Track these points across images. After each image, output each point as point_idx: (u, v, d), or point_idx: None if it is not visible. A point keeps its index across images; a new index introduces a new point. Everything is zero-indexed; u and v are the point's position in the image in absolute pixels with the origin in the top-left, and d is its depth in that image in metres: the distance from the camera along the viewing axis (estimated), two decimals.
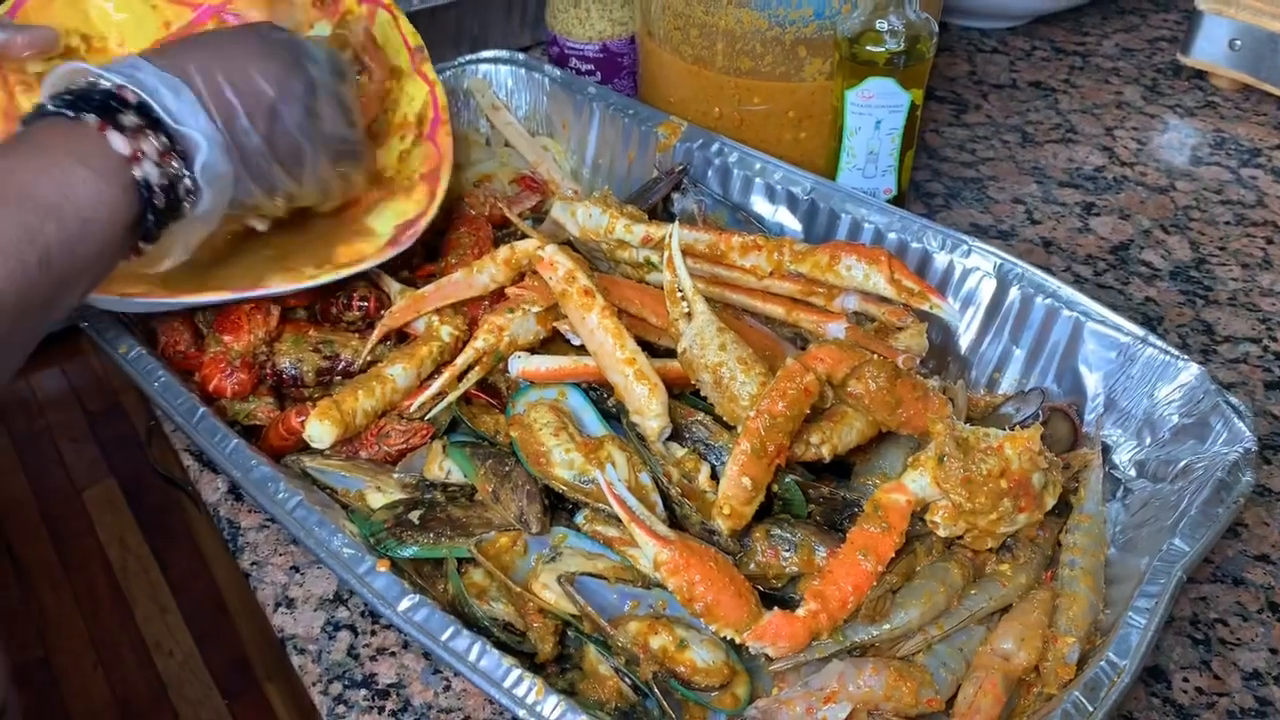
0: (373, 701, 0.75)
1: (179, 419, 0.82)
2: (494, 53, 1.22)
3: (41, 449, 2.63)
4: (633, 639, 0.70)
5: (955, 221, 1.17)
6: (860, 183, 1.07)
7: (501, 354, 0.85)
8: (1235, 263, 1.12)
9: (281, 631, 0.79)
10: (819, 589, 0.69)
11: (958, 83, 1.42)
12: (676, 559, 0.68)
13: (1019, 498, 0.73)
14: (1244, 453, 0.76)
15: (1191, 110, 1.36)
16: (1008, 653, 0.71)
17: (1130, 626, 0.66)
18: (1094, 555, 0.76)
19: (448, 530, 0.76)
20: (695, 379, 0.80)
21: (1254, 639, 0.78)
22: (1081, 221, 1.18)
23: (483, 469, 0.79)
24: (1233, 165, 1.26)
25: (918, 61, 1.00)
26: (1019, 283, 0.89)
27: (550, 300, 0.85)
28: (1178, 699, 0.75)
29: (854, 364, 0.77)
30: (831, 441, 0.78)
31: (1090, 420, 0.86)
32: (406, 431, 0.84)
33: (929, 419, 0.77)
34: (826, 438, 0.78)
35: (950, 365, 0.93)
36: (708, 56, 1.09)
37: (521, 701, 0.64)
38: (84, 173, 0.66)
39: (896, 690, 0.68)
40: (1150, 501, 0.79)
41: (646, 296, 0.87)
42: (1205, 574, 0.83)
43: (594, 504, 0.76)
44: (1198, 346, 1.02)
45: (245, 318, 0.89)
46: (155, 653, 2.20)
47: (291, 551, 0.85)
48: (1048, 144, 1.30)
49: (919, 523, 0.74)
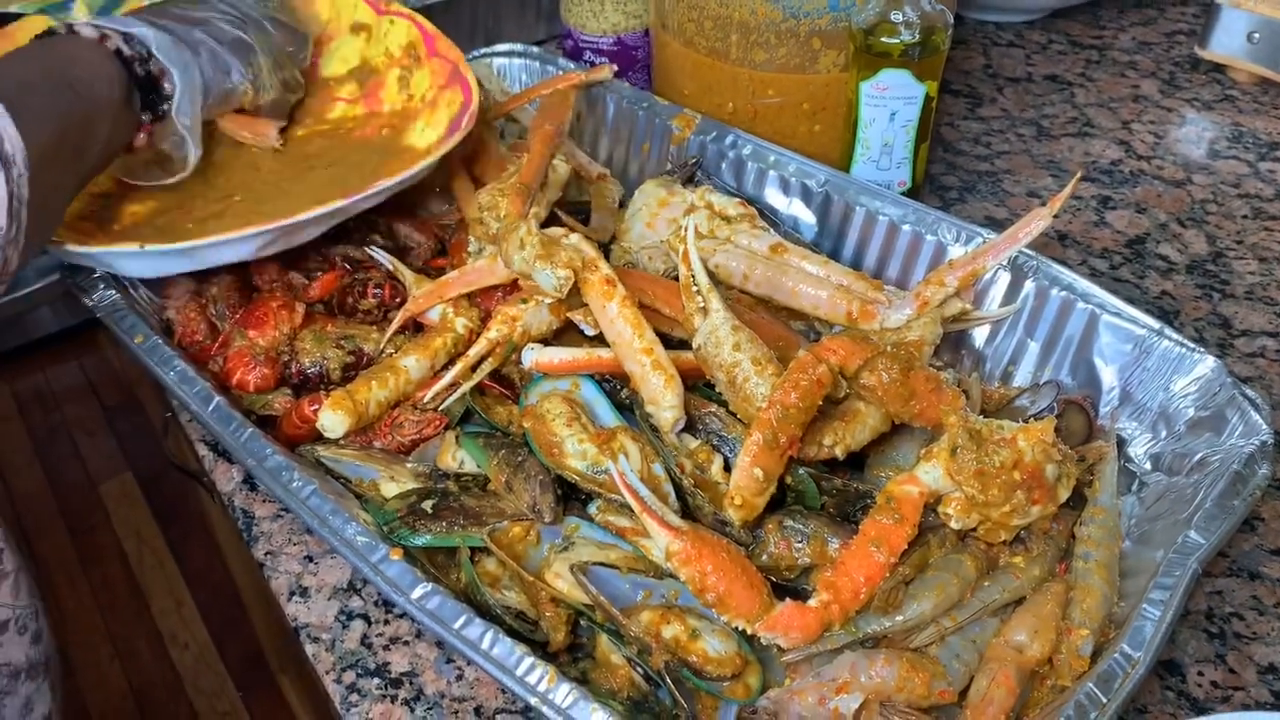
0: (386, 690, 0.75)
1: (194, 407, 0.83)
2: (508, 46, 1.22)
3: (58, 442, 2.64)
4: (645, 629, 0.70)
5: (970, 214, 1.17)
6: (875, 175, 1.07)
7: (515, 344, 0.85)
8: (1253, 256, 1.11)
9: (295, 620, 0.80)
10: (831, 580, 0.69)
11: (973, 76, 1.42)
12: (688, 549, 0.68)
13: (1032, 490, 0.73)
14: (1260, 446, 0.76)
15: (1209, 104, 1.35)
16: (1021, 644, 0.70)
17: (1145, 619, 0.66)
18: (1108, 548, 0.76)
19: (461, 520, 0.76)
20: (710, 376, 0.80)
21: (1270, 633, 0.78)
22: (1098, 215, 1.17)
23: (496, 459, 0.79)
24: (1250, 159, 1.25)
25: (932, 53, 1.00)
26: (1034, 275, 0.89)
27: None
28: (1192, 692, 0.75)
29: (867, 356, 0.77)
30: (844, 442, 0.78)
31: (1105, 413, 0.86)
32: (420, 422, 0.84)
33: (942, 411, 0.76)
34: (839, 438, 0.78)
35: (965, 358, 0.93)
36: (722, 49, 1.09)
37: (534, 690, 0.64)
38: (74, 46, 0.84)
39: (909, 682, 0.68)
40: (1165, 494, 0.79)
41: (660, 288, 0.87)
42: (1221, 568, 0.82)
43: (607, 494, 0.76)
44: (1214, 340, 1.01)
45: (271, 313, 0.90)
46: (171, 645, 2.21)
47: (306, 541, 0.85)
48: (1064, 137, 1.30)
49: (932, 514, 0.74)
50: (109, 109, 0.83)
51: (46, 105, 0.76)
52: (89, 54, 0.84)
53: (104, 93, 0.83)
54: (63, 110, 0.78)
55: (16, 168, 0.70)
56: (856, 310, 0.88)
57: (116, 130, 0.85)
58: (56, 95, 0.78)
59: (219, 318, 0.94)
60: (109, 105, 0.83)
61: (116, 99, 0.84)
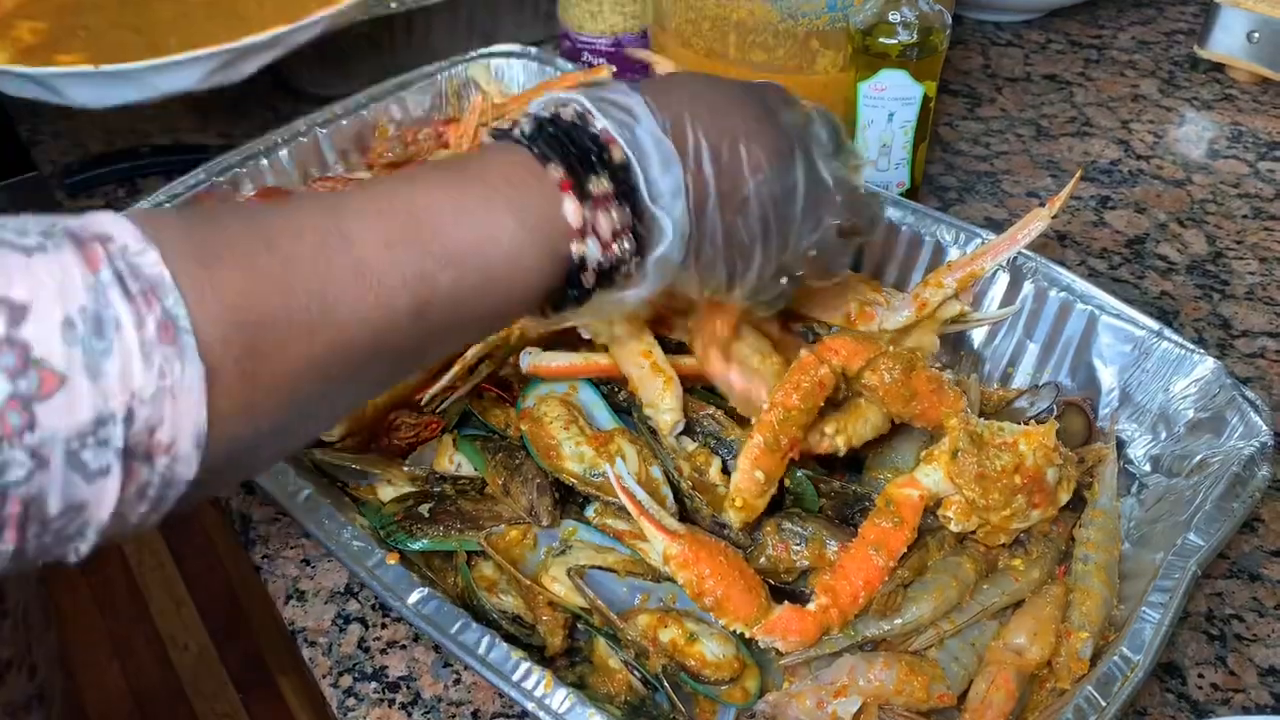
0: (383, 694, 0.75)
1: None
2: (506, 46, 1.21)
3: None
4: (642, 632, 0.70)
5: (969, 215, 1.16)
6: (873, 176, 1.06)
7: (512, 347, 0.85)
8: (1253, 256, 1.11)
9: (292, 624, 0.80)
10: (830, 583, 0.69)
11: (972, 76, 1.41)
12: (686, 553, 0.68)
13: (1033, 494, 0.72)
14: (1260, 447, 0.75)
15: (1208, 103, 1.35)
16: (1020, 647, 0.70)
17: (1144, 621, 0.66)
18: (1108, 550, 0.76)
19: (457, 523, 0.76)
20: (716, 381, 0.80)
21: (1271, 635, 0.78)
22: (1097, 215, 1.17)
23: (493, 462, 0.79)
24: (1250, 159, 1.25)
25: (931, 54, 0.99)
26: (1033, 276, 0.88)
27: None
28: (1192, 695, 0.74)
29: (869, 356, 0.77)
30: (846, 433, 0.77)
31: (1104, 415, 0.86)
32: (417, 425, 0.84)
33: (943, 413, 0.76)
34: (841, 428, 0.77)
35: (963, 360, 0.92)
36: (720, 49, 1.08)
37: (530, 694, 0.64)
38: (513, 227, 0.54)
39: (908, 685, 0.68)
40: (1165, 496, 0.78)
41: None
42: (1221, 569, 0.82)
43: (604, 497, 0.76)
44: (1214, 341, 1.01)
45: None
46: (171, 647, 2.21)
47: (303, 544, 0.85)
48: (1063, 137, 1.29)
49: (931, 517, 0.74)
50: (479, 326, 0.59)
51: (325, 357, 0.48)
52: (506, 244, 0.54)
53: (486, 309, 0.55)
54: (358, 359, 0.49)
55: (170, 455, 0.43)
56: (854, 311, 0.88)
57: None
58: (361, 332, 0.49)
59: None
60: (482, 321, 0.58)
61: (510, 311, 0.59)
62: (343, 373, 0.49)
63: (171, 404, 0.41)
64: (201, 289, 0.43)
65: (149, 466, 0.42)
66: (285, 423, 0.47)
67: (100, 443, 0.40)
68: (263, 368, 0.45)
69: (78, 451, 0.40)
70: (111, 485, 0.41)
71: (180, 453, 0.42)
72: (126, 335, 0.40)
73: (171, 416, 0.41)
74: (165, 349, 0.41)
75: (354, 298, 0.48)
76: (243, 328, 0.44)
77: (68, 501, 0.40)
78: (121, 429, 0.40)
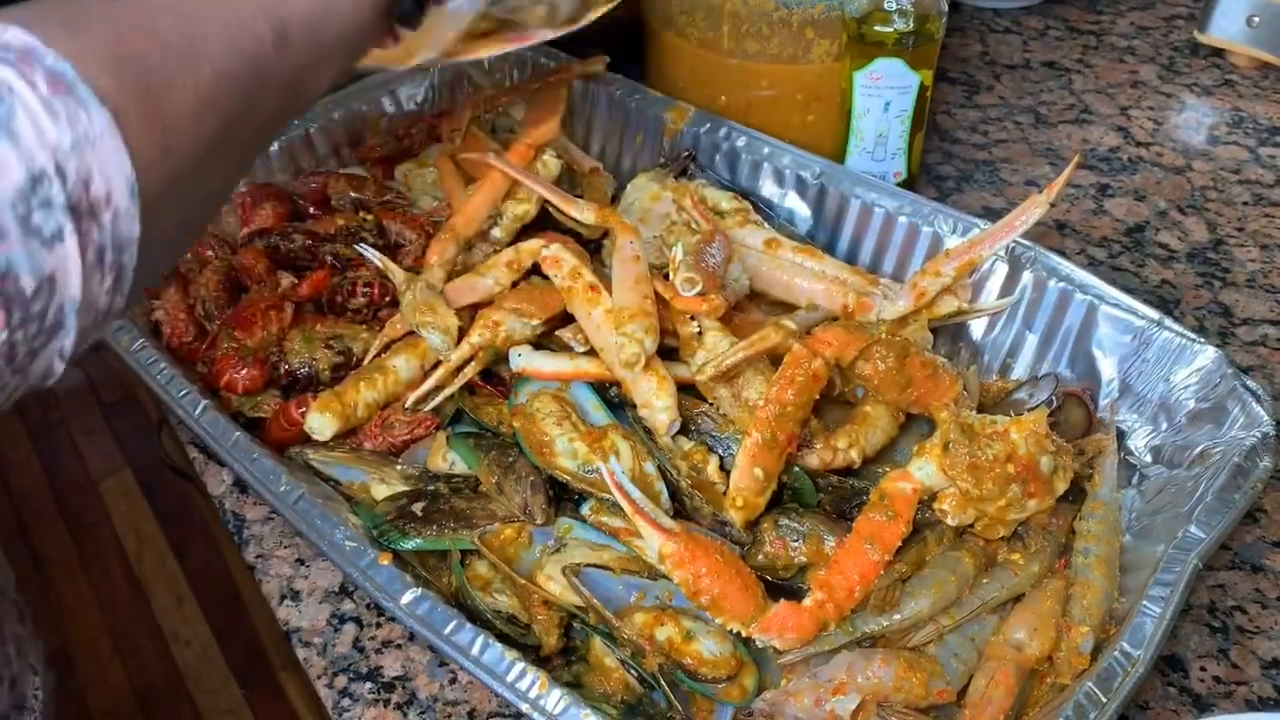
0: (378, 694, 0.74)
1: (182, 412, 0.82)
2: None
3: (57, 440, 2.64)
4: (639, 631, 0.69)
5: (967, 205, 1.15)
6: (870, 166, 1.05)
7: (498, 349, 0.84)
8: (1254, 244, 1.10)
9: (287, 625, 0.79)
10: (825, 579, 0.68)
11: (970, 63, 1.40)
12: (681, 551, 0.67)
13: (1027, 483, 0.72)
14: (1262, 437, 0.75)
15: (1209, 89, 1.34)
16: (1020, 642, 0.70)
17: (1145, 615, 0.65)
18: (1109, 543, 0.75)
19: (451, 522, 0.75)
20: (712, 397, 0.79)
21: (1273, 627, 0.77)
22: (1096, 203, 1.16)
23: (486, 460, 0.78)
24: (1251, 144, 1.24)
25: (927, 41, 0.98)
26: (1032, 266, 0.87)
27: (550, 313, 0.84)
28: (1194, 688, 0.74)
29: (862, 345, 0.76)
30: (860, 444, 0.77)
31: (1105, 405, 0.85)
32: (411, 423, 0.83)
33: (934, 407, 0.76)
34: (854, 440, 0.77)
35: (962, 351, 0.92)
36: (714, 39, 1.07)
37: (525, 695, 0.64)
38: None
39: (906, 681, 0.67)
40: (1166, 488, 0.78)
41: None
42: (1223, 561, 0.81)
43: (599, 494, 0.75)
44: (1215, 329, 1.00)
45: (259, 314, 0.89)
46: (172, 642, 2.21)
47: (297, 544, 0.84)
48: (1061, 125, 1.28)
49: (930, 511, 0.73)
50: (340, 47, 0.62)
51: (211, 86, 0.51)
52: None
53: (338, 28, 0.61)
54: (244, 89, 0.53)
55: (111, 209, 0.45)
56: (853, 303, 0.87)
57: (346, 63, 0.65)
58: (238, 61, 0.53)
59: (207, 318, 0.92)
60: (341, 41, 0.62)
61: (360, 29, 0.63)
62: (234, 105, 0.53)
63: (92, 152, 0.44)
64: (75, 46, 0.45)
65: (96, 226, 0.44)
66: (200, 161, 0.51)
67: (44, 203, 0.42)
68: (162, 107, 0.48)
69: (27, 216, 0.41)
70: (71, 249, 0.43)
71: (120, 207, 0.45)
72: (21, 93, 0.42)
73: (99, 166, 0.44)
74: (64, 100, 0.43)
75: (218, 30, 0.52)
76: (126, 69, 0.47)
77: (36, 273, 0.42)
78: (58, 184, 0.42)
